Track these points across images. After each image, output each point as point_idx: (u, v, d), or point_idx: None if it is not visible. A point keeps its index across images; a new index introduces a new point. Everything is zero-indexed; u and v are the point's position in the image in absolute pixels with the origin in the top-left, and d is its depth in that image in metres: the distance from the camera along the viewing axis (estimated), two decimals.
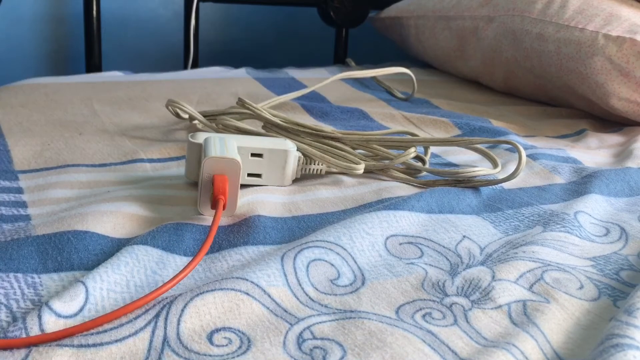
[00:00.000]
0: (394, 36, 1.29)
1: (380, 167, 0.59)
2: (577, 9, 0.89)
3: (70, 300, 0.35)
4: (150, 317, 0.34)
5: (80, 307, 0.35)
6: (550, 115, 0.94)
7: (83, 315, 0.35)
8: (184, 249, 0.43)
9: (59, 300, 0.34)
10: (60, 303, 0.34)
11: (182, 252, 0.43)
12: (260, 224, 0.47)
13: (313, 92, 0.92)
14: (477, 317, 0.37)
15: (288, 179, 0.55)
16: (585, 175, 0.62)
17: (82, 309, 0.35)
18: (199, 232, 0.45)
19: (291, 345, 0.34)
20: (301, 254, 0.41)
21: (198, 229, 0.46)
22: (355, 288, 0.40)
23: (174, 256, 0.42)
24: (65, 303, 0.34)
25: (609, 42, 0.83)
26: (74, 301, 0.35)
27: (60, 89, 0.86)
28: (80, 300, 0.35)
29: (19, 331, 0.32)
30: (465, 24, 1.06)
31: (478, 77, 1.09)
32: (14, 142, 0.64)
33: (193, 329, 0.34)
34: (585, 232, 0.50)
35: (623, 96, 0.83)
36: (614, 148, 0.77)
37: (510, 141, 0.59)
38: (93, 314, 0.35)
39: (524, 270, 0.42)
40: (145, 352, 0.32)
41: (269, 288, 0.37)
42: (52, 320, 0.33)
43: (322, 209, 0.51)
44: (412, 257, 0.44)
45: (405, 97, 0.98)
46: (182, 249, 0.43)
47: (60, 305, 0.34)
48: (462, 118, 0.83)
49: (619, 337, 0.33)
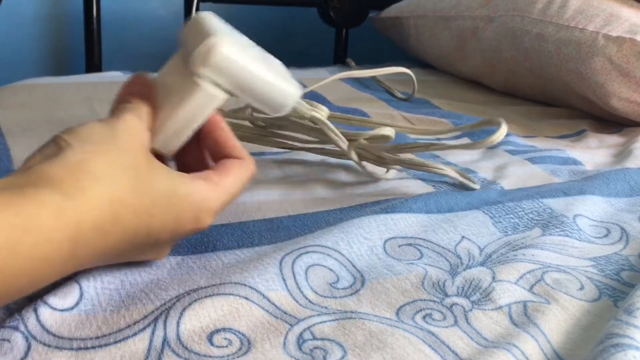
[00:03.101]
0: (394, 36, 1.29)
1: (351, 135, 0.57)
2: (577, 9, 0.89)
3: (65, 297, 0.35)
4: (150, 321, 0.34)
5: (76, 301, 0.35)
6: (550, 116, 0.94)
7: (79, 309, 0.35)
8: (177, 249, 0.43)
9: (53, 296, 0.34)
10: (56, 298, 0.34)
11: (175, 251, 0.42)
12: (255, 227, 0.47)
13: (312, 92, 0.92)
14: (477, 317, 0.37)
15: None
16: (585, 177, 0.62)
17: (77, 304, 0.35)
18: None
19: (291, 346, 0.34)
20: (299, 259, 0.41)
21: None
22: (355, 290, 0.39)
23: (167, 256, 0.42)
24: (60, 298, 0.34)
25: (609, 42, 0.83)
26: (68, 297, 0.35)
27: (60, 89, 0.86)
28: (75, 296, 0.35)
29: (15, 322, 0.32)
30: (465, 24, 1.06)
31: (478, 77, 1.09)
32: (14, 142, 0.64)
33: (193, 330, 0.34)
34: (585, 234, 0.49)
35: (623, 96, 0.83)
36: (613, 148, 0.77)
37: (494, 119, 0.54)
38: (89, 308, 0.35)
39: (524, 271, 0.42)
40: (145, 352, 0.32)
41: (268, 292, 0.37)
42: (48, 313, 0.33)
43: (317, 207, 0.51)
44: (412, 259, 0.44)
45: (405, 97, 0.98)
46: (175, 248, 0.43)
47: (56, 300, 0.34)
48: (462, 118, 0.83)
49: (619, 336, 0.33)
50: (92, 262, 0.34)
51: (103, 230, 0.32)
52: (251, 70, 0.38)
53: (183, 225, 0.36)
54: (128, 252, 0.36)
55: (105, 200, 0.32)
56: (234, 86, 0.39)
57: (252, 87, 0.39)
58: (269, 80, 0.40)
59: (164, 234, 0.36)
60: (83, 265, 0.33)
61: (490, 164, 0.66)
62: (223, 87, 0.38)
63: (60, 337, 0.33)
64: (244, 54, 0.38)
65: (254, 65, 0.39)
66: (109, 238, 0.32)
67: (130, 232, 0.33)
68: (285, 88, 0.41)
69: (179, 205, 0.36)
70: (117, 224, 0.32)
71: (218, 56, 0.37)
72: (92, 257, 0.33)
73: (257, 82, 0.39)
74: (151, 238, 0.35)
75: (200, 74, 0.37)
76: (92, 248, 0.32)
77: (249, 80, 0.39)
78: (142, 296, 0.36)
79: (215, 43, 0.37)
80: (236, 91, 0.39)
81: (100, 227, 0.32)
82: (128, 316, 0.34)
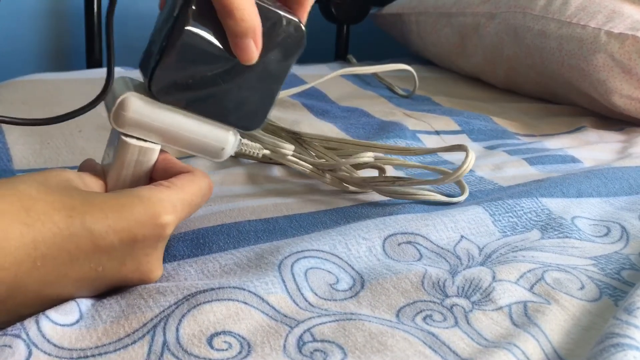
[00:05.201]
0: (395, 33, 1.29)
1: (327, 166, 0.55)
2: (579, 6, 0.89)
3: (65, 314, 0.34)
4: (149, 329, 0.34)
5: (76, 319, 0.35)
6: (552, 113, 0.93)
7: (80, 325, 0.34)
8: (172, 252, 0.43)
9: (55, 312, 0.34)
10: (57, 314, 0.34)
11: (171, 256, 0.42)
12: (250, 227, 0.46)
13: (313, 89, 0.92)
14: (478, 318, 0.37)
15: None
16: (583, 173, 0.62)
17: (77, 322, 0.35)
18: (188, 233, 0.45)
19: (291, 349, 0.33)
20: (298, 263, 0.40)
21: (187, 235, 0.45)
22: (355, 292, 0.39)
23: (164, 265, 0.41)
24: (61, 315, 0.34)
25: (611, 39, 0.82)
26: (68, 315, 0.34)
27: (60, 85, 0.86)
28: (75, 315, 0.35)
29: (17, 330, 0.32)
30: (466, 20, 1.06)
31: (479, 74, 1.09)
32: (14, 139, 0.64)
33: (193, 334, 0.34)
34: (585, 234, 0.49)
35: (625, 93, 0.83)
36: (613, 145, 0.77)
37: (463, 146, 0.53)
38: (90, 323, 0.35)
39: (525, 270, 0.42)
40: (144, 357, 0.32)
41: (267, 296, 0.37)
42: (49, 326, 0.33)
43: (314, 207, 0.51)
44: (411, 260, 0.43)
45: (407, 94, 0.98)
46: (170, 252, 0.43)
47: (57, 315, 0.34)
48: (463, 115, 0.83)
49: (619, 336, 0.33)
50: (53, 268, 0.33)
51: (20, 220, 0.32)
52: (167, 119, 0.41)
53: (135, 219, 0.35)
54: (90, 259, 0.34)
55: (14, 197, 0.33)
56: (156, 137, 0.41)
57: (176, 135, 0.41)
58: (191, 128, 0.42)
59: (112, 233, 0.34)
60: (47, 276, 0.33)
61: (488, 162, 0.66)
62: (148, 139, 0.41)
63: (61, 348, 0.33)
64: (157, 107, 0.40)
65: (171, 114, 0.41)
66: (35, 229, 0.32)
67: (59, 223, 0.33)
68: (217, 134, 0.43)
69: (123, 199, 0.35)
70: (32, 215, 0.32)
71: (128, 113, 0.40)
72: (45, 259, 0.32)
73: (179, 129, 0.41)
74: (97, 237, 0.34)
75: (121, 132, 0.40)
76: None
77: (169, 128, 0.41)
78: (141, 303, 0.36)
79: (121, 102, 0.40)
80: (161, 141, 0.41)
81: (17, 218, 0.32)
82: (127, 325, 0.34)
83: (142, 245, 0.36)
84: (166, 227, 0.36)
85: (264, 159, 0.60)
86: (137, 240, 0.35)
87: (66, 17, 1.24)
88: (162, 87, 0.40)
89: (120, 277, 0.36)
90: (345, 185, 0.55)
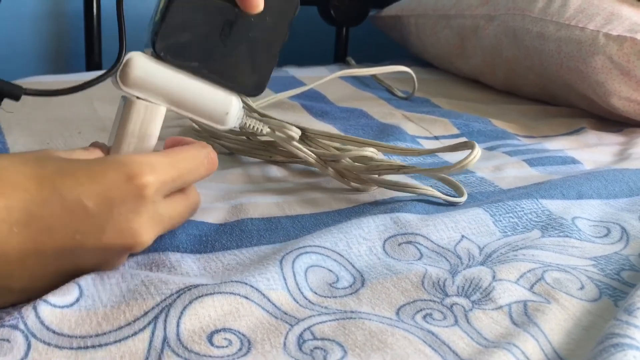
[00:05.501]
0: (394, 35, 1.29)
1: (330, 156, 0.55)
2: (577, 8, 0.89)
3: (64, 294, 0.35)
4: (150, 319, 0.34)
5: (76, 298, 0.35)
6: (551, 115, 0.93)
7: (79, 305, 0.34)
8: (177, 245, 0.43)
9: (53, 295, 0.34)
10: (55, 296, 0.34)
11: (174, 247, 0.42)
12: (253, 226, 0.47)
13: (312, 91, 0.92)
14: (477, 317, 0.37)
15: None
16: (583, 174, 0.62)
17: (77, 300, 0.35)
18: (192, 227, 0.45)
19: (292, 346, 0.33)
20: (299, 258, 0.41)
21: (191, 225, 0.45)
22: (355, 289, 0.39)
23: (166, 254, 0.42)
24: (59, 296, 0.34)
25: (609, 41, 0.82)
26: (67, 295, 0.35)
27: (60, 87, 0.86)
28: (74, 294, 0.35)
29: (15, 320, 0.32)
30: (465, 22, 1.06)
31: (478, 76, 1.09)
32: (13, 140, 0.64)
33: (193, 330, 0.34)
34: (585, 234, 0.49)
35: (623, 95, 0.83)
36: (613, 147, 0.77)
37: (470, 142, 0.53)
38: (90, 304, 0.35)
39: (525, 270, 0.42)
40: (145, 352, 0.32)
41: (268, 292, 0.37)
42: (47, 310, 0.33)
43: (316, 208, 0.51)
44: (412, 259, 0.44)
45: (406, 95, 0.98)
46: (175, 244, 0.43)
47: (55, 298, 0.34)
48: (462, 118, 0.83)
49: (619, 336, 0.33)
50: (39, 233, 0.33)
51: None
52: (171, 79, 0.42)
53: (110, 182, 0.34)
54: (67, 226, 0.34)
55: None
56: (161, 98, 0.42)
57: (180, 96, 0.42)
58: (195, 90, 0.43)
59: (86, 198, 0.34)
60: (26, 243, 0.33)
61: (488, 164, 0.66)
62: (153, 99, 0.42)
63: (61, 334, 0.33)
64: (162, 67, 0.42)
65: (175, 75, 0.42)
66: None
67: (31, 190, 0.33)
68: (220, 97, 0.44)
69: (99, 165, 0.35)
70: (3, 183, 0.33)
71: (133, 71, 0.41)
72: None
73: (183, 91, 0.42)
74: (69, 202, 0.33)
75: (126, 92, 0.42)
76: None
77: (173, 89, 0.42)
78: (143, 290, 0.36)
79: (127, 60, 0.41)
80: (166, 102, 0.42)
81: None
82: (128, 312, 0.34)
83: (122, 210, 0.35)
84: (144, 188, 0.35)
85: (266, 156, 0.61)
86: (114, 204, 0.35)
87: (66, 20, 1.24)
88: (165, 45, 0.41)
89: (102, 245, 0.35)
90: (347, 180, 0.56)
